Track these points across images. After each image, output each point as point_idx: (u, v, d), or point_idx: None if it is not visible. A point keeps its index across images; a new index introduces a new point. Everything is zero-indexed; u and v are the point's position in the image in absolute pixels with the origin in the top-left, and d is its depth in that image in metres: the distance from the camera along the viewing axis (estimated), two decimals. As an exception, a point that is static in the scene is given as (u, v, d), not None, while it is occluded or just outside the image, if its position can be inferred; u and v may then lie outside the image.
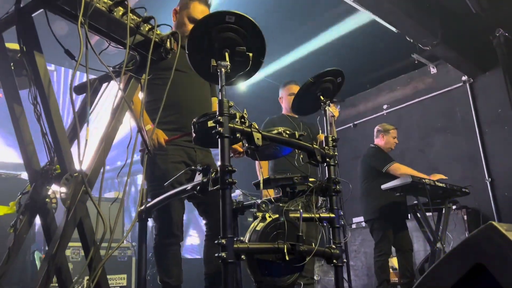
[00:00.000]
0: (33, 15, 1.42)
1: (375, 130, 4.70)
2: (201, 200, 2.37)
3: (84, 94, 1.71)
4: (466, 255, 1.23)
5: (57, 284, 1.45)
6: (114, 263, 3.86)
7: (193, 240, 6.35)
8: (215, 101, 2.65)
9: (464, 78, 5.91)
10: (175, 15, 2.61)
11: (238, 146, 2.51)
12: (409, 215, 4.40)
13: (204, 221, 2.47)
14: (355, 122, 7.05)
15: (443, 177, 4.22)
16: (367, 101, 7.11)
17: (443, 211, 4.16)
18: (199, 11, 2.50)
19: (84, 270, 1.30)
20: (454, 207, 4.72)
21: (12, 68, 1.59)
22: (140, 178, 5.27)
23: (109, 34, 1.50)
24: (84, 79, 1.50)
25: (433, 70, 6.27)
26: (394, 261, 4.66)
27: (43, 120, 1.41)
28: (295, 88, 3.63)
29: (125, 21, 1.46)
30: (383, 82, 6.88)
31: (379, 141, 4.60)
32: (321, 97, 2.33)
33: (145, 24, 1.54)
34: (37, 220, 1.51)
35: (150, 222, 2.34)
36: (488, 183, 5.47)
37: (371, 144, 4.62)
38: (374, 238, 4.25)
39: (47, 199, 1.45)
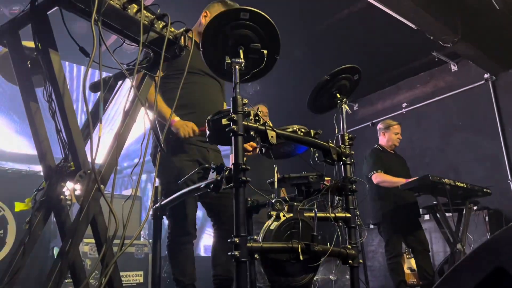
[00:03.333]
0: (48, 12, 1.43)
1: (377, 128, 4.64)
2: (211, 201, 2.37)
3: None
4: (487, 258, 1.19)
5: (71, 280, 1.46)
6: (131, 260, 3.90)
7: (210, 238, 6.36)
8: (225, 106, 2.64)
9: (486, 75, 5.76)
10: (204, 19, 2.60)
11: (247, 145, 2.50)
12: (424, 215, 4.33)
13: (212, 222, 2.47)
14: (373, 121, 6.95)
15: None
16: (385, 100, 7.01)
17: (464, 212, 4.07)
18: None
19: (97, 266, 1.30)
20: (475, 207, 4.61)
21: (29, 66, 1.61)
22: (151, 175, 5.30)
23: (123, 32, 1.50)
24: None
25: (454, 68, 6.13)
26: (412, 262, 4.59)
27: (58, 118, 1.42)
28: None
29: (139, 19, 1.46)
30: (402, 80, 6.76)
31: (381, 139, 4.54)
32: (337, 94, 2.30)
33: (159, 22, 1.54)
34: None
35: (166, 220, 2.35)
36: (510, 183, 5.32)
37: (375, 145, 4.57)
38: (384, 240, 4.23)
39: (61, 196, 1.45)
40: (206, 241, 6.33)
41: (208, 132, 1.88)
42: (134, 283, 3.92)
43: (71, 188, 1.36)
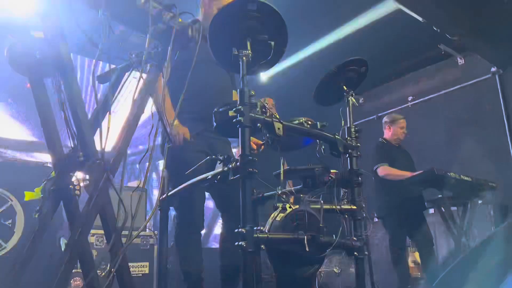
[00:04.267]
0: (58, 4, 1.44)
1: (383, 121, 4.62)
2: (219, 192, 2.38)
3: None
4: (491, 252, 1.19)
5: (80, 270, 1.48)
6: (137, 251, 3.92)
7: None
8: (235, 95, 2.64)
9: (494, 69, 5.71)
10: (203, 8, 2.59)
11: (252, 143, 2.50)
12: (429, 209, 4.33)
13: (220, 213, 2.48)
14: (378, 114, 6.92)
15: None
16: (391, 93, 6.97)
17: (469, 206, 4.06)
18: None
19: (106, 256, 1.31)
20: (480, 201, 4.60)
21: (38, 56, 1.62)
22: (161, 164, 5.30)
23: (131, 22, 1.50)
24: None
25: (461, 61, 6.08)
26: (416, 256, 4.60)
27: (67, 108, 1.43)
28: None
29: (147, 9, 1.46)
30: (408, 73, 6.71)
31: (386, 132, 4.53)
32: (344, 87, 2.29)
33: (167, 12, 1.54)
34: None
35: (172, 211, 2.36)
36: (516, 177, 5.31)
37: (380, 138, 4.55)
38: (388, 234, 4.23)
39: (70, 186, 1.47)
40: (218, 231, 6.30)
41: (215, 124, 1.89)
42: (140, 274, 3.96)
43: (81, 178, 1.37)
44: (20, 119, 4.63)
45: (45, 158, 3.96)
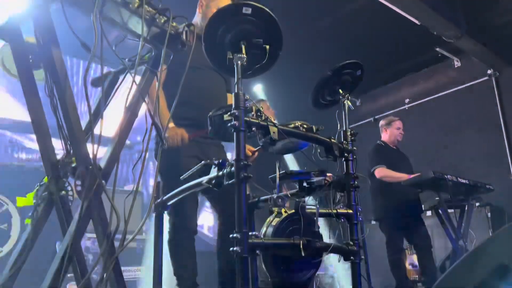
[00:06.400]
0: (50, 8, 1.42)
1: (379, 125, 4.64)
2: (214, 195, 2.36)
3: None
4: (490, 255, 1.19)
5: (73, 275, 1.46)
6: (131, 255, 3.91)
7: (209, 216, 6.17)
8: (230, 97, 2.63)
9: (490, 71, 5.73)
10: (201, 8, 2.58)
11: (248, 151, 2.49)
12: (426, 211, 4.33)
13: (216, 216, 2.47)
14: (375, 117, 6.93)
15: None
16: (388, 95, 6.98)
17: (466, 208, 4.06)
18: None
19: (99, 262, 1.30)
20: (477, 204, 4.60)
21: (31, 61, 1.60)
22: (151, 166, 5.25)
23: (124, 26, 1.49)
24: (104, 71, 1.50)
25: (457, 64, 6.10)
26: (414, 258, 4.59)
27: (59, 113, 1.42)
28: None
29: (140, 13, 1.45)
30: (405, 76, 6.73)
31: (383, 135, 4.55)
32: (340, 90, 2.29)
33: (161, 16, 1.53)
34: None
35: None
36: (513, 180, 5.31)
37: (377, 141, 4.56)
38: (385, 237, 4.22)
39: (63, 191, 1.46)
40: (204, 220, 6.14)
41: (210, 128, 1.87)
42: (135, 278, 3.94)
43: (73, 184, 1.36)
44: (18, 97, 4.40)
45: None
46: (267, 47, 1.80)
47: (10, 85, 4.37)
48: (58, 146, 1.50)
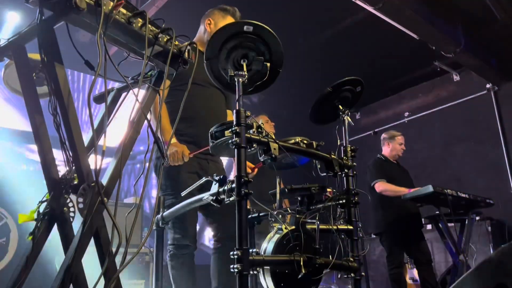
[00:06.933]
0: (54, 27, 1.45)
1: (381, 138, 4.66)
2: (211, 211, 2.36)
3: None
4: (489, 274, 1.19)
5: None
6: (132, 269, 3.89)
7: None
8: (229, 114, 2.65)
9: (489, 85, 5.77)
10: (209, 26, 2.61)
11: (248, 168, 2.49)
12: (426, 225, 4.32)
13: (212, 233, 2.46)
14: (375, 130, 6.95)
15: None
16: (388, 109, 7.01)
17: (466, 222, 4.06)
18: None
19: (100, 279, 1.30)
20: (477, 218, 4.60)
21: (34, 78, 1.62)
22: (153, 176, 5.24)
23: (127, 45, 1.51)
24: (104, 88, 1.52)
25: (456, 78, 6.14)
26: (414, 273, 4.57)
27: (62, 130, 1.43)
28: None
29: (143, 32, 1.47)
30: (404, 90, 6.77)
31: (385, 149, 4.56)
32: (340, 106, 2.30)
33: (163, 35, 1.55)
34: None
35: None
36: (513, 194, 5.31)
37: (378, 155, 4.57)
38: (385, 251, 4.21)
39: (65, 208, 1.46)
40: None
41: (211, 144, 1.89)
42: (136, 292, 3.91)
43: (75, 201, 1.37)
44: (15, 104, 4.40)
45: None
46: (268, 64, 1.82)
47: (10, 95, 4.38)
48: (60, 157, 1.51)
